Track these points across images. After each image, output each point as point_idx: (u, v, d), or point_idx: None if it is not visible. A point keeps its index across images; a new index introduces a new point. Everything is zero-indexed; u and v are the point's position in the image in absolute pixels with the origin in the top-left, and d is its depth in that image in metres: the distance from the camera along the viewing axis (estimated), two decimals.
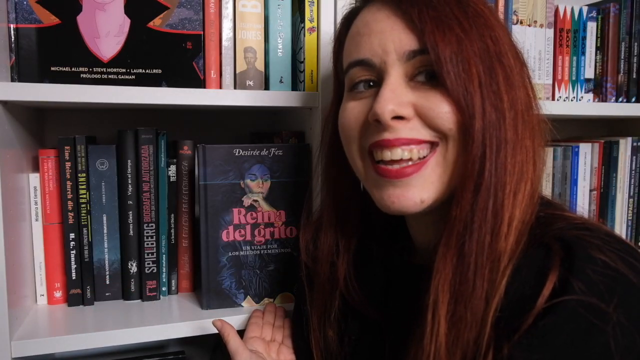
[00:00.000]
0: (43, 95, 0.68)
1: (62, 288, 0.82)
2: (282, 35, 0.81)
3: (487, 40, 0.48)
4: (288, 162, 0.79)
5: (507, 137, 0.47)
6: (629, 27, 1.05)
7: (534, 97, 0.52)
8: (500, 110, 0.47)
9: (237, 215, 0.78)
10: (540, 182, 0.50)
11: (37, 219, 0.80)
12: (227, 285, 0.79)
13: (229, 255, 0.78)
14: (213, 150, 0.76)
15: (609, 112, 1.03)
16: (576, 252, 0.43)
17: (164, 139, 0.83)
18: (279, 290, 0.82)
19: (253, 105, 0.77)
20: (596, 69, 1.05)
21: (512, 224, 0.46)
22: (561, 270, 0.42)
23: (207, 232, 0.77)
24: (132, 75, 0.73)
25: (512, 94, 0.48)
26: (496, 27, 0.50)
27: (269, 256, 0.80)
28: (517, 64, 0.51)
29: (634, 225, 1.15)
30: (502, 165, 0.47)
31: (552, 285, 0.42)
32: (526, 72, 0.52)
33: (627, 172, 1.13)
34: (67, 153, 0.78)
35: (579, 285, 0.41)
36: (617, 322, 0.39)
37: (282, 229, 0.81)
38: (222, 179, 0.77)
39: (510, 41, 0.51)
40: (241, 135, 1.08)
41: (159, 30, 0.74)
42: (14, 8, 0.69)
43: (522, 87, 0.50)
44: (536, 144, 0.50)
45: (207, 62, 0.76)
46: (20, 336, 0.70)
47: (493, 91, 0.47)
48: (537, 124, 0.51)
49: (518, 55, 0.52)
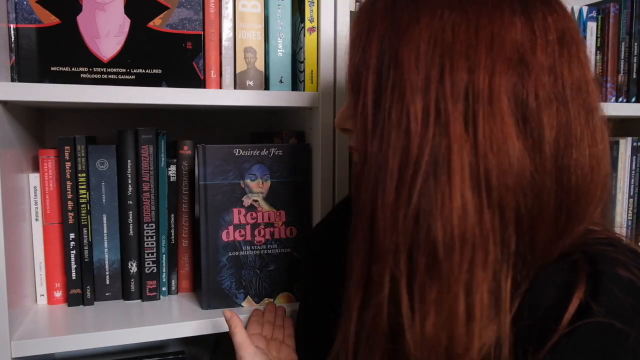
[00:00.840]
0: (43, 95, 0.68)
1: (62, 288, 0.82)
2: (282, 35, 0.81)
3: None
4: (288, 162, 0.79)
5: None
6: (629, 27, 1.05)
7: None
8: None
9: (237, 215, 0.78)
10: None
11: (37, 219, 0.80)
12: (227, 285, 0.79)
13: (229, 255, 0.79)
14: (213, 150, 0.76)
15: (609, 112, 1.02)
16: (603, 270, 0.42)
17: (164, 139, 0.83)
18: (279, 290, 0.82)
19: (253, 105, 0.77)
20: (596, 69, 1.05)
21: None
22: (587, 287, 0.42)
23: (207, 232, 0.77)
24: (132, 75, 0.73)
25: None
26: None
27: (269, 256, 0.80)
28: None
29: (634, 225, 1.15)
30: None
31: (579, 302, 0.41)
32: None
33: (627, 172, 1.13)
34: (67, 153, 0.78)
35: (604, 306, 0.40)
36: (637, 344, 0.39)
37: (282, 229, 0.81)
38: (222, 179, 0.77)
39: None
40: (241, 135, 1.08)
41: (159, 30, 0.74)
42: (14, 8, 0.69)
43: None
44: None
45: (207, 62, 0.76)
46: (20, 336, 0.70)
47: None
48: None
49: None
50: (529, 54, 0.44)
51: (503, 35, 0.44)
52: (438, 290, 0.43)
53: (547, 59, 0.45)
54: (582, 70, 0.46)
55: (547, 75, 0.44)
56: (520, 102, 0.44)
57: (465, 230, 0.42)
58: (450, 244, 0.43)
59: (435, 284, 0.43)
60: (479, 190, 0.43)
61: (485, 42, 0.44)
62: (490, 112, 0.43)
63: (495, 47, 0.44)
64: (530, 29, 0.45)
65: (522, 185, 0.43)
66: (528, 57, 0.44)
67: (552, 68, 0.45)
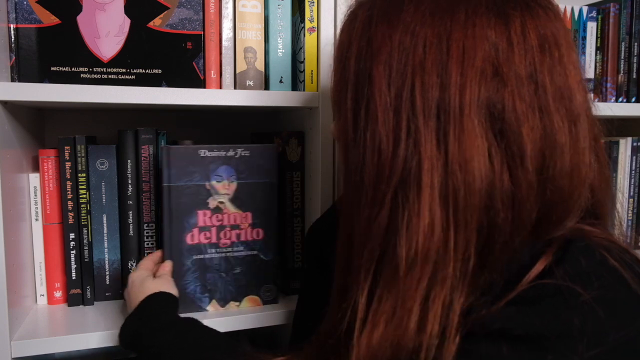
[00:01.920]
0: (43, 95, 0.68)
1: (62, 288, 0.82)
2: (282, 35, 0.81)
3: None
4: (255, 163, 0.78)
5: None
6: (629, 27, 1.05)
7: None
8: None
9: (202, 218, 0.76)
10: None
11: (37, 219, 0.80)
12: (191, 289, 0.77)
13: (194, 258, 0.77)
14: (177, 151, 0.74)
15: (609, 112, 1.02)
16: (575, 243, 0.43)
17: (164, 139, 0.83)
18: (245, 294, 0.80)
19: (253, 105, 0.77)
20: (596, 69, 1.05)
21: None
22: (555, 256, 0.42)
23: (171, 235, 0.75)
24: (132, 75, 0.73)
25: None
26: None
27: (235, 259, 0.79)
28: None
29: (634, 225, 1.15)
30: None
31: (542, 267, 0.42)
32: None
33: (627, 172, 1.13)
34: (67, 153, 0.78)
35: (565, 271, 0.41)
36: (589, 304, 0.39)
37: (249, 231, 0.79)
38: (186, 181, 0.75)
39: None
40: (241, 135, 1.08)
41: (159, 30, 0.74)
42: (14, 8, 0.69)
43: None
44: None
45: (207, 62, 0.76)
46: (20, 336, 0.70)
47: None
48: None
49: None
50: (505, 65, 0.43)
51: (474, 49, 0.43)
52: (393, 302, 0.44)
53: (526, 67, 0.43)
54: (565, 77, 0.45)
55: (526, 86, 0.43)
56: (496, 116, 0.43)
57: (429, 249, 0.43)
58: (413, 261, 0.43)
59: (392, 296, 0.44)
60: (447, 209, 0.43)
61: (457, 57, 0.43)
62: (460, 130, 0.42)
63: (466, 61, 0.43)
64: (507, 38, 0.43)
65: (492, 204, 0.43)
66: (503, 69, 0.43)
67: (532, 77, 0.43)
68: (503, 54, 0.43)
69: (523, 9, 0.45)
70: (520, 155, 0.43)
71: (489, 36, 0.43)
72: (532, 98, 0.43)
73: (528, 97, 0.43)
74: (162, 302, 0.67)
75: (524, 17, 0.44)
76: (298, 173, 0.87)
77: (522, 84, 0.43)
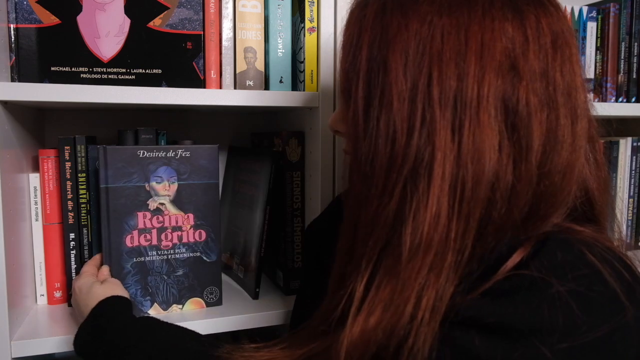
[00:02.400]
0: (43, 95, 0.68)
1: (62, 288, 0.82)
2: (282, 35, 0.81)
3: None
4: (196, 163, 0.77)
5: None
6: (629, 27, 1.05)
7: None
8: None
9: (142, 219, 0.75)
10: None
11: (37, 219, 0.80)
12: (132, 292, 0.75)
13: (134, 261, 0.75)
14: (115, 151, 0.73)
15: (609, 112, 1.03)
16: (553, 237, 0.43)
17: (164, 139, 0.83)
18: (188, 296, 0.79)
19: (253, 105, 0.77)
20: (596, 69, 1.05)
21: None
22: (531, 250, 0.43)
23: (110, 237, 0.74)
24: (132, 75, 0.73)
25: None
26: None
27: (176, 261, 0.78)
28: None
29: (634, 225, 1.15)
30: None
31: (518, 259, 0.42)
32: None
33: (627, 172, 1.13)
34: (67, 153, 0.78)
35: (540, 263, 0.41)
36: (560, 296, 0.39)
37: (191, 233, 0.78)
38: (125, 182, 0.74)
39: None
40: (241, 135, 1.08)
41: (159, 30, 0.74)
42: (14, 8, 0.69)
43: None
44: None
45: (207, 62, 0.76)
46: (20, 336, 0.70)
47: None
48: None
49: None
50: (521, 60, 0.44)
51: (493, 42, 0.43)
52: (391, 290, 0.44)
53: (540, 63, 0.44)
54: (573, 74, 0.46)
55: (539, 81, 0.44)
56: (510, 109, 0.43)
57: (432, 239, 0.43)
58: (416, 250, 0.43)
59: (391, 284, 0.44)
60: (454, 200, 0.43)
61: (475, 49, 0.43)
62: (476, 122, 0.43)
63: (485, 54, 0.43)
64: (523, 33, 0.44)
65: (494, 197, 0.43)
66: (520, 63, 0.44)
67: (545, 73, 0.44)
68: (519, 48, 0.44)
69: (537, 6, 0.46)
70: (527, 149, 0.43)
71: (507, 30, 0.44)
72: (543, 94, 0.44)
73: (540, 93, 0.44)
74: (117, 305, 0.66)
75: (538, 14, 0.45)
76: (298, 173, 0.87)
77: (535, 79, 0.44)
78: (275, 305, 0.83)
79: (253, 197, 0.89)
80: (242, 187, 0.95)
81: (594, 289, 0.40)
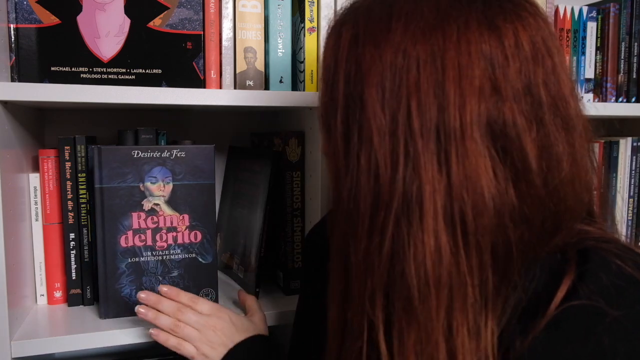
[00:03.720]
0: (43, 95, 0.68)
1: (62, 288, 0.82)
2: (282, 35, 0.81)
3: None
4: (191, 164, 0.76)
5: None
6: (629, 27, 1.05)
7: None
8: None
9: (137, 220, 0.75)
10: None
11: (37, 219, 0.80)
12: (126, 292, 0.76)
13: (129, 261, 0.75)
14: (109, 151, 0.73)
15: (609, 112, 1.03)
16: (591, 257, 0.42)
17: (164, 139, 0.83)
18: None
19: (253, 105, 0.77)
20: (596, 69, 1.05)
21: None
22: (576, 274, 0.42)
23: (104, 237, 0.74)
24: (132, 75, 0.73)
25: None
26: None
27: (171, 262, 0.77)
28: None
29: (634, 225, 1.15)
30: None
31: (566, 288, 0.41)
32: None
33: (627, 172, 1.13)
34: (67, 153, 0.78)
35: (589, 289, 0.40)
36: (617, 323, 0.39)
37: (186, 234, 0.78)
38: (119, 182, 0.74)
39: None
40: (241, 135, 1.08)
41: (159, 30, 0.74)
42: (14, 8, 0.69)
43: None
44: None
45: (207, 62, 0.76)
46: (20, 336, 0.70)
47: None
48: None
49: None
50: (502, 81, 0.42)
51: (471, 66, 0.42)
52: (416, 336, 0.42)
53: (522, 80, 0.42)
54: (558, 85, 0.44)
55: (523, 99, 0.42)
56: (498, 133, 0.42)
57: (440, 274, 0.41)
58: (425, 289, 0.41)
59: (413, 330, 0.42)
60: (454, 232, 0.41)
61: (453, 76, 0.41)
62: (463, 151, 0.41)
63: (463, 80, 0.41)
64: (502, 52, 0.42)
65: (503, 222, 0.42)
66: (501, 84, 0.42)
67: (529, 89, 0.43)
68: (500, 69, 0.42)
69: (514, 20, 0.44)
70: (525, 171, 0.42)
71: (484, 51, 0.42)
72: (529, 111, 0.43)
73: (527, 110, 0.42)
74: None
75: (516, 29, 0.43)
76: (298, 173, 0.87)
77: (520, 98, 0.42)
78: (275, 305, 0.83)
79: (253, 197, 0.89)
80: (242, 187, 0.95)
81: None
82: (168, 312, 0.68)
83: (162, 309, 0.68)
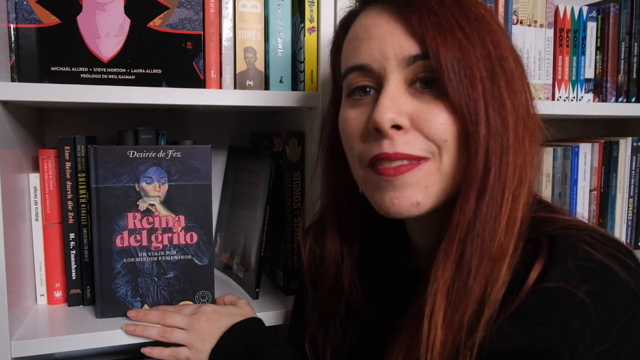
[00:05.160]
0: (43, 95, 0.68)
1: (62, 288, 0.82)
2: (282, 35, 0.81)
3: (489, 45, 0.48)
4: (187, 164, 0.76)
5: (510, 142, 0.47)
6: (629, 27, 1.05)
7: (532, 99, 0.52)
8: (504, 117, 0.47)
9: (132, 220, 0.75)
10: (535, 185, 0.51)
11: (37, 219, 0.80)
12: (122, 292, 0.76)
13: (124, 261, 0.75)
14: (105, 151, 0.73)
15: (609, 112, 1.03)
16: (560, 243, 0.45)
17: (164, 139, 0.83)
18: (179, 299, 0.78)
19: (253, 105, 0.77)
20: (596, 69, 1.05)
21: (512, 228, 0.47)
22: (545, 261, 0.44)
23: (100, 237, 0.74)
24: (132, 75, 0.73)
25: (514, 99, 0.48)
26: (497, 31, 0.50)
27: (167, 263, 0.77)
28: (518, 68, 0.50)
29: (634, 225, 1.15)
30: (504, 171, 0.47)
31: (537, 274, 0.44)
32: (525, 75, 0.52)
33: (627, 172, 1.13)
34: (67, 153, 0.78)
35: (556, 273, 0.43)
36: (584, 305, 0.41)
37: (182, 235, 0.77)
38: (115, 182, 0.73)
39: (510, 45, 0.51)
40: (241, 135, 1.08)
41: (159, 30, 0.74)
42: (14, 8, 0.69)
43: (522, 92, 0.50)
44: (533, 147, 0.50)
45: (207, 62, 0.76)
46: (20, 336, 0.70)
47: (496, 97, 0.47)
48: (535, 127, 0.51)
49: (518, 59, 0.51)
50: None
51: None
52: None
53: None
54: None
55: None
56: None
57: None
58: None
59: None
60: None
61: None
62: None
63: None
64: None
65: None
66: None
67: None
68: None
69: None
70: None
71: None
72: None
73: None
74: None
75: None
76: (298, 173, 0.87)
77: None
78: (275, 305, 0.83)
79: (253, 197, 0.89)
80: (242, 187, 0.95)
81: (612, 288, 0.42)
82: (155, 322, 0.72)
83: (149, 320, 0.73)
